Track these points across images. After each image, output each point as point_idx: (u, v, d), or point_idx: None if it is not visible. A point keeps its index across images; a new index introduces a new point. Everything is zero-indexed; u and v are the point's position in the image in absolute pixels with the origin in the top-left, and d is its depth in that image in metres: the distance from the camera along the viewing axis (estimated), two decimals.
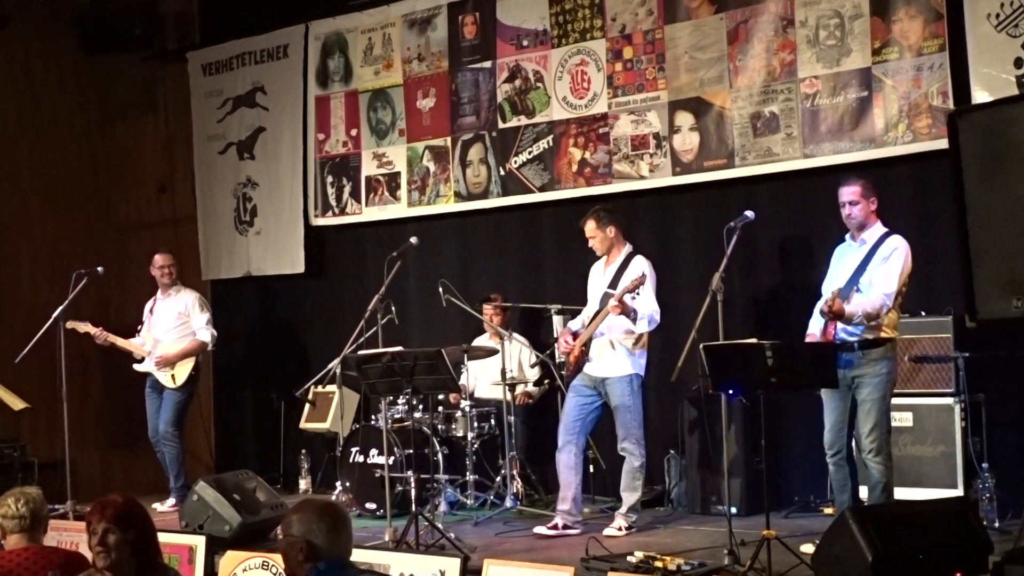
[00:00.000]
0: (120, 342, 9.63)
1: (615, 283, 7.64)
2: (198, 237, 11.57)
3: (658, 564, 6.11)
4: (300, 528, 4.04)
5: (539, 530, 7.65)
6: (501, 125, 9.69)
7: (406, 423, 8.79)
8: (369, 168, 10.50)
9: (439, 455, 8.80)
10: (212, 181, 11.52)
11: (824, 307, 6.59)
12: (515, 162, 9.59)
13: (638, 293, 7.44)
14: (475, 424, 8.82)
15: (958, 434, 7.30)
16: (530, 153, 9.52)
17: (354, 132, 10.59)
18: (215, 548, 7.31)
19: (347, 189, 10.64)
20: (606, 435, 9.01)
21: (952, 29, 7.60)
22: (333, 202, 10.73)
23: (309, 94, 10.85)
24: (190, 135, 11.68)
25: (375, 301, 8.52)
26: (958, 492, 7.17)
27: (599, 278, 7.93)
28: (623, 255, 7.80)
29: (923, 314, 7.54)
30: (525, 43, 9.55)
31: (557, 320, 8.75)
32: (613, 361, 7.70)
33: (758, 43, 8.40)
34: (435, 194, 10.08)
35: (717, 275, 6.86)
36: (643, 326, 7.61)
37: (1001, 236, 4.54)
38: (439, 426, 8.94)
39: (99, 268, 9.61)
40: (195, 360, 9.55)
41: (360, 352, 8.31)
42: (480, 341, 9.29)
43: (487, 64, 9.76)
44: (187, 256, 11.06)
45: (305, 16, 10.82)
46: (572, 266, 8.07)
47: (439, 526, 7.25)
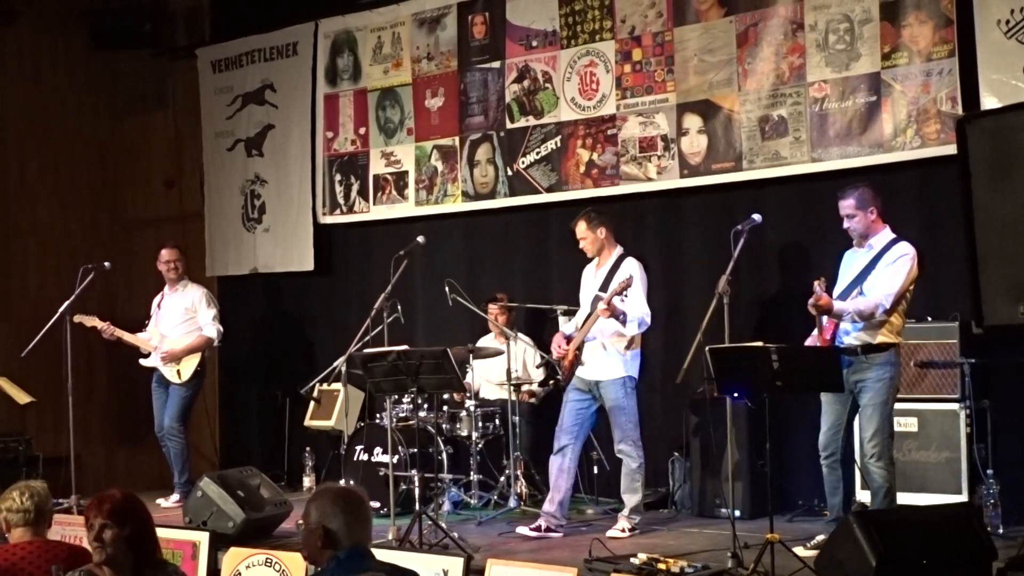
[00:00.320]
0: (127, 336, 9.65)
1: (606, 285, 7.62)
2: (204, 234, 11.58)
3: (661, 566, 6.10)
4: (317, 515, 4.03)
5: (521, 530, 7.65)
6: (509, 125, 9.69)
7: (411, 422, 8.79)
8: (377, 167, 10.50)
9: (443, 454, 8.79)
10: (220, 178, 11.53)
11: (811, 302, 6.59)
12: (523, 162, 9.59)
13: (626, 295, 7.42)
14: (479, 424, 8.82)
15: (963, 440, 7.29)
16: (538, 154, 9.52)
17: (363, 130, 10.59)
18: (219, 544, 7.31)
19: (355, 187, 10.65)
20: (608, 434, 9.02)
21: (962, 35, 7.60)
22: (341, 200, 10.73)
23: (318, 92, 10.85)
24: (198, 131, 11.69)
25: (381, 300, 8.52)
26: (962, 498, 7.15)
27: (591, 280, 7.91)
28: (614, 257, 7.78)
29: (929, 320, 7.54)
30: (534, 43, 9.55)
31: (563, 321, 8.73)
32: (605, 364, 7.68)
33: (767, 46, 8.40)
34: (443, 193, 10.09)
35: (723, 278, 6.86)
36: (633, 328, 7.58)
37: (1008, 242, 4.54)
38: (444, 425, 8.94)
39: (106, 263, 9.64)
40: (201, 356, 9.57)
41: (366, 350, 8.31)
42: (485, 341, 9.29)
43: (496, 64, 9.76)
44: (194, 252, 11.07)
45: (315, 14, 10.83)
46: (578, 267, 8.05)
47: (443, 525, 7.24)
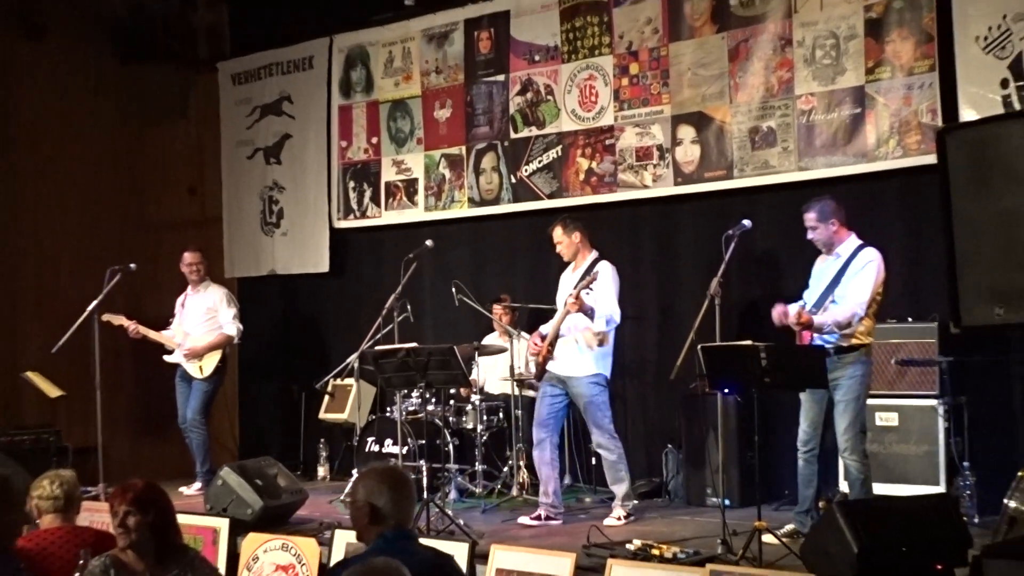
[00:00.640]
0: (152, 334, 9.66)
1: (589, 285, 7.54)
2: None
3: (655, 552, 6.11)
4: (363, 492, 4.07)
5: (523, 520, 7.63)
6: (513, 135, 9.69)
7: (419, 415, 8.81)
8: (388, 174, 10.51)
9: (450, 446, 8.80)
10: (239, 184, 11.55)
11: (793, 319, 6.62)
12: (526, 170, 9.60)
13: (591, 289, 7.39)
14: (484, 417, 8.83)
15: (941, 434, 7.29)
16: (540, 162, 9.52)
17: (375, 140, 10.60)
18: (238, 530, 7.35)
19: (368, 194, 10.65)
20: None
21: (942, 50, 7.59)
22: (354, 206, 10.74)
23: (333, 103, 10.86)
24: (219, 140, 11.71)
25: (392, 300, 8.54)
26: (940, 489, 7.15)
27: (567, 283, 7.87)
28: (588, 260, 7.75)
29: (910, 320, 7.54)
30: (537, 58, 9.55)
31: None
32: (576, 360, 7.67)
33: (757, 61, 8.40)
34: (450, 200, 10.09)
35: (715, 280, 6.87)
36: (600, 324, 7.55)
37: (985, 247, 4.54)
38: (450, 418, 8.95)
39: (132, 265, 9.64)
40: (222, 352, 9.58)
41: (377, 347, 8.32)
42: (490, 339, 9.30)
43: (501, 77, 9.76)
44: (214, 255, 11.07)
45: (330, 30, 10.84)
46: None
47: (449, 513, 7.25)
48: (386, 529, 4.03)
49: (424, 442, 8.49)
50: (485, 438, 8.83)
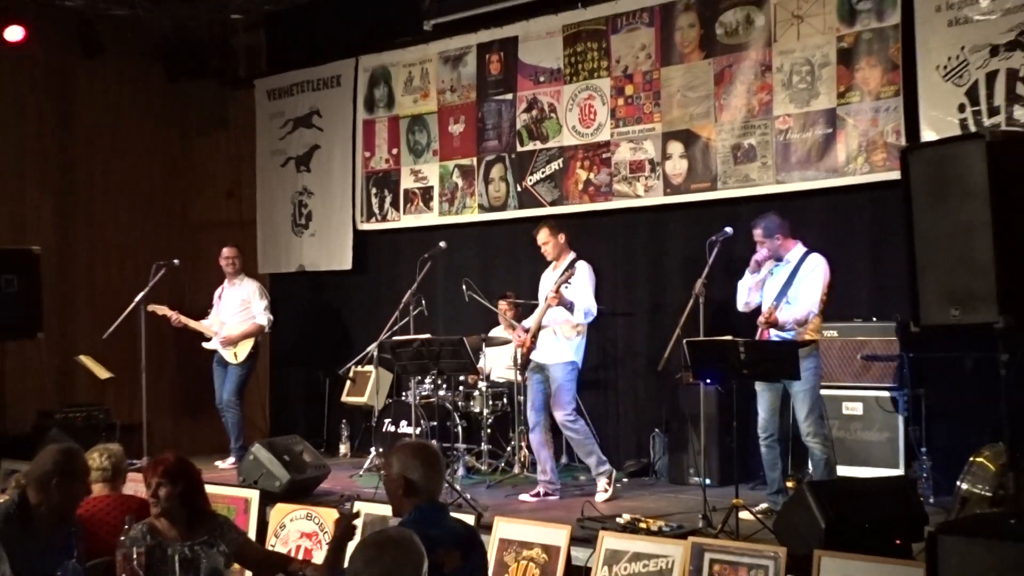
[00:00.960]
0: (192, 323, 9.66)
1: (568, 280, 7.50)
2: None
3: (642, 525, 6.11)
4: (398, 466, 4.00)
5: (523, 497, 7.58)
6: (519, 148, 9.68)
7: (431, 399, 8.82)
8: (407, 182, 10.50)
9: (459, 427, 8.81)
10: (273, 190, 11.54)
11: (762, 318, 6.64)
12: (530, 180, 9.59)
13: (570, 283, 7.37)
14: (490, 402, 8.83)
15: (901, 422, 7.30)
16: (543, 173, 9.52)
17: (395, 151, 10.59)
18: (267, 501, 7.35)
19: (388, 199, 10.65)
20: (600, 411, 9.04)
21: (906, 77, 7.58)
22: (376, 210, 10.74)
23: (358, 118, 10.85)
24: (255, 150, 11.70)
25: (408, 295, 8.55)
26: (900, 472, 7.15)
27: (547, 280, 7.85)
28: (567, 260, 7.68)
29: (874, 319, 7.54)
30: (542, 79, 9.54)
31: None
32: (554, 349, 7.63)
33: (740, 85, 8.39)
34: (462, 206, 10.09)
35: (700, 281, 6.87)
36: (579, 316, 7.52)
37: (942, 255, 4.53)
38: (459, 403, 8.95)
39: (175, 261, 9.70)
40: (255, 340, 9.58)
41: (394, 338, 8.33)
42: (496, 332, 9.30)
43: (509, 96, 9.76)
44: (249, 253, 11.06)
45: (356, 51, 10.83)
46: None
47: (457, 488, 7.25)
48: (420, 501, 3.97)
49: (435, 424, 8.51)
50: (491, 421, 8.83)
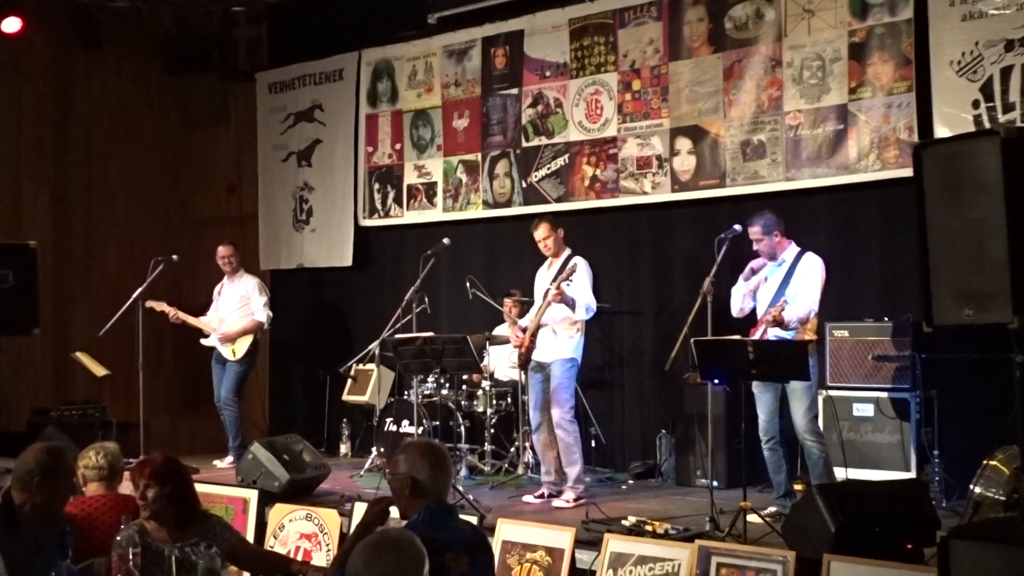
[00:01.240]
0: (190, 320, 9.65)
1: (569, 276, 7.47)
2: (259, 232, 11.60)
3: (648, 528, 6.09)
4: (405, 466, 3.96)
5: (527, 499, 7.55)
6: (524, 144, 9.66)
7: (434, 398, 8.80)
8: (410, 177, 10.49)
9: (461, 427, 8.80)
10: (274, 185, 11.53)
11: (769, 316, 6.62)
12: (535, 176, 9.57)
13: (571, 280, 7.35)
14: (493, 401, 8.81)
15: (913, 425, 7.26)
16: (548, 169, 9.49)
17: (398, 146, 10.58)
18: (266, 501, 7.35)
19: (391, 195, 10.64)
20: (605, 412, 9.02)
21: (919, 73, 7.56)
22: (379, 206, 10.72)
23: (360, 112, 10.84)
24: (256, 144, 11.69)
25: (411, 292, 8.54)
26: (911, 475, 7.12)
27: (543, 277, 7.82)
28: (563, 257, 7.68)
29: (886, 319, 7.51)
30: (548, 74, 9.52)
31: None
32: (554, 346, 7.59)
33: (749, 80, 8.36)
34: (466, 202, 10.07)
35: (708, 279, 6.85)
36: (581, 313, 7.49)
37: (955, 253, 4.51)
38: (462, 402, 8.94)
39: (174, 256, 9.71)
40: (253, 337, 9.56)
41: (396, 336, 8.33)
42: (500, 330, 9.25)
43: (514, 91, 9.73)
44: (250, 249, 11.08)
45: (359, 45, 10.81)
46: None
47: (460, 489, 7.21)
48: (428, 502, 3.92)
49: (438, 423, 8.49)
50: (494, 420, 8.82)
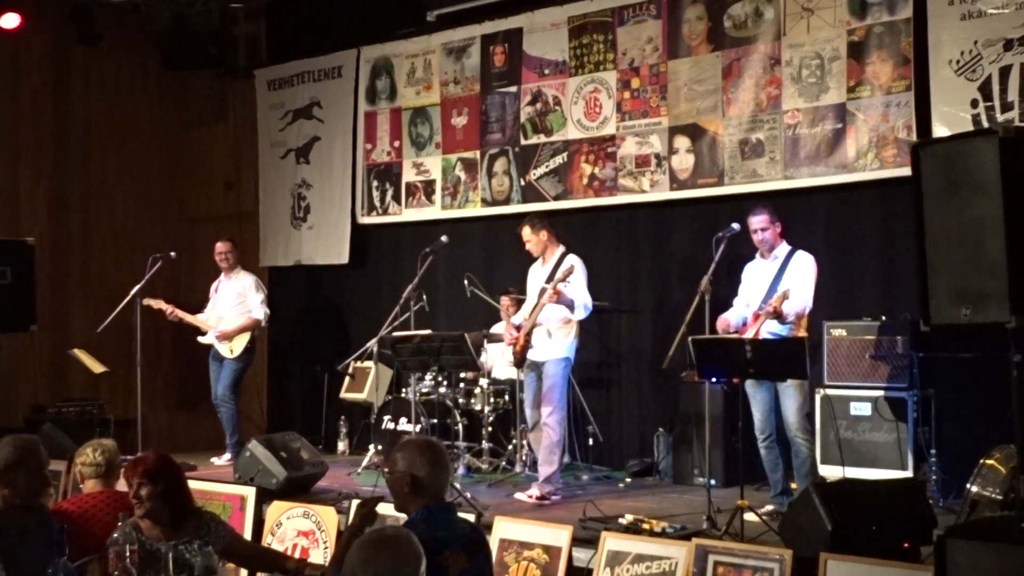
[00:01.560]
0: (188, 318, 9.65)
1: (551, 279, 7.48)
2: (258, 229, 11.59)
3: (645, 526, 6.10)
4: (404, 463, 3.94)
5: (519, 496, 7.49)
6: (523, 142, 9.67)
7: (432, 396, 8.81)
8: (409, 175, 10.49)
9: (459, 425, 8.80)
10: (272, 182, 11.53)
11: (769, 307, 6.60)
12: (534, 174, 9.57)
13: (569, 281, 7.34)
14: (491, 399, 8.81)
15: (910, 423, 7.26)
16: (547, 167, 9.50)
17: (397, 144, 10.58)
18: (263, 498, 7.35)
19: (389, 193, 10.64)
20: (603, 410, 9.03)
21: (918, 72, 7.56)
22: (377, 203, 10.72)
23: (359, 109, 10.84)
24: (255, 141, 11.69)
25: (409, 290, 8.54)
26: (908, 474, 7.13)
27: (536, 276, 7.83)
28: (557, 254, 7.67)
29: (883, 318, 7.51)
30: (547, 72, 9.52)
31: None
32: (549, 346, 7.59)
33: (748, 78, 8.37)
34: (464, 199, 10.07)
35: (705, 278, 6.85)
36: (580, 313, 7.51)
37: (953, 253, 4.51)
38: (460, 400, 8.94)
39: (172, 253, 9.71)
40: (251, 335, 9.56)
41: (394, 333, 8.33)
42: (498, 328, 9.27)
43: (513, 89, 9.74)
44: (248, 246, 11.08)
45: (358, 42, 10.81)
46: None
47: (457, 486, 7.21)
48: (427, 500, 3.91)
49: (436, 421, 8.52)
50: (492, 419, 8.82)
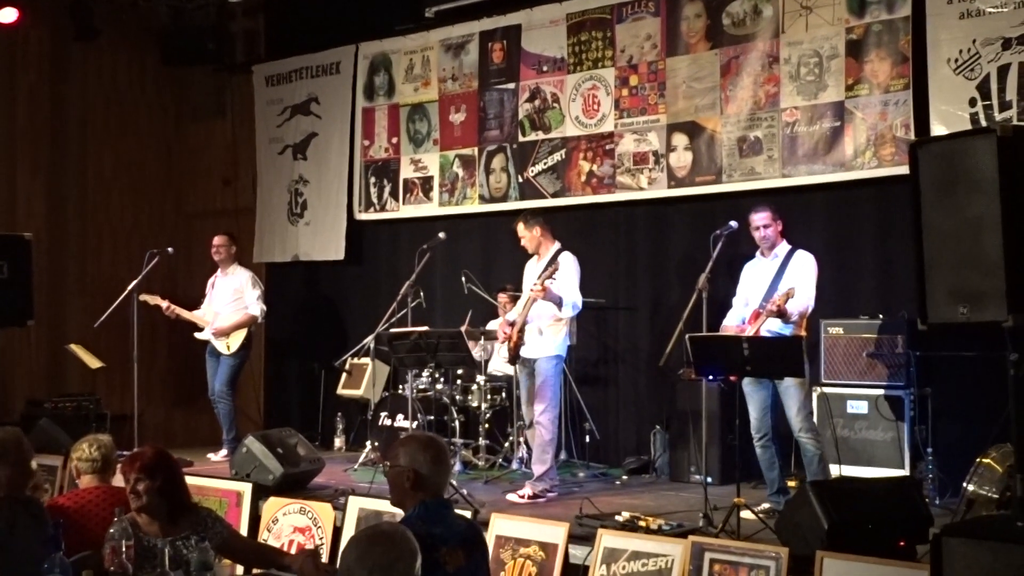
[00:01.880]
0: (184, 314, 9.65)
1: (553, 275, 7.42)
2: (255, 225, 11.59)
3: (642, 523, 6.11)
4: (406, 459, 3.93)
5: (511, 497, 7.40)
6: (521, 139, 9.66)
7: (429, 393, 8.81)
8: (407, 172, 10.49)
9: (456, 422, 8.79)
10: (270, 178, 11.52)
11: (772, 305, 6.60)
12: (532, 171, 9.57)
13: (555, 278, 7.31)
14: (488, 396, 8.81)
15: (907, 422, 7.27)
16: (545, 164, 9.50)
17: (395, 140, 10.58)
18: (260, 494, 7.35)
19: (387, 189, 10.64)
20: (599, 407, 9.04)
21: (916, 70, 7.57)
22: (375, 200, 10.72)
23: (357, 105, 10.84)
24: (252, 137, 11.69)
25: (406, 286, 8.53)
26: (905, 472, 7.14)
27: (531, 272, 7.82)
28: (551, 251, 7.64)
29: (881, 317, 7.52)
30: (545, 68, 9.52)
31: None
32: (541, 343, 7.57)
33: (747, 76, 8.37)
34: (462, 196, 10.07)
35: (703, 276, 6.84)
36: (568, 311, 7.49)
37: (951, 251, 4.52)
38: (457, 396, 8.94)
39: (169, 249, 9.72)
40: (247, 331, 9.55)
41: (391, 330, 8.33)
42: (495, 325, 9.27)
43: (511, 85, 9.74)
44: (245, 242, 11.07)
45: (356, 38, 10.81)
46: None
47: (453, 483, 7.19)
48: (425, 496, 3.90)
49: (432, 418, 8.51)
50: (488, 415, 8.82)
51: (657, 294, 8.98)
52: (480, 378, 8.81)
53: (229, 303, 9.59)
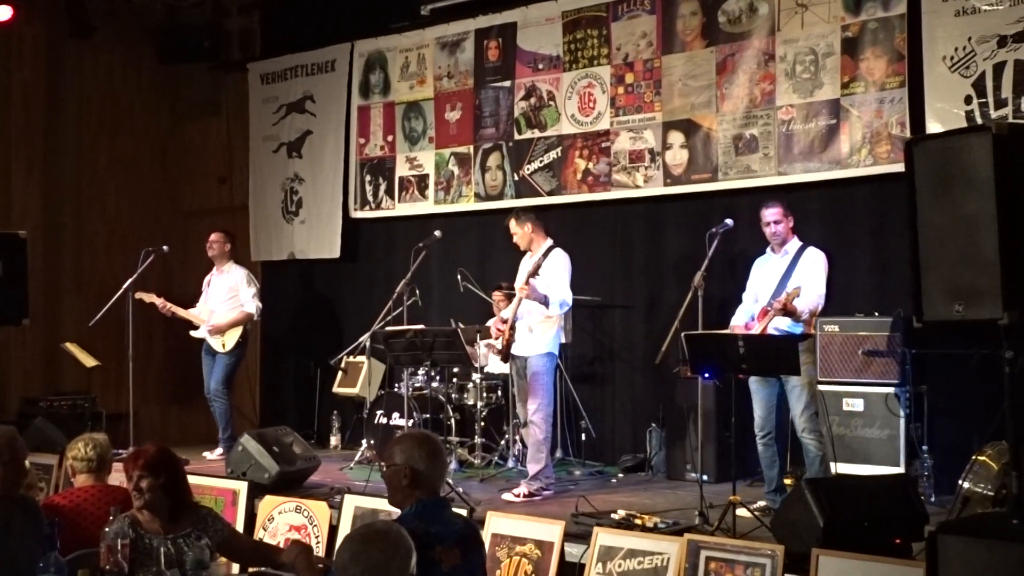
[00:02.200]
0: (180, 312, 9.64)
1: (535, 273, 7.43)
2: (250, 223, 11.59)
3: (638, 521, 6.11)
4: (403, 456, 3.92)
5: (507, 497, 7.39)
6: (517, 137, 9.66)
7: (424, 391, 8.81)
8: (402, 170, 10.48)
9: (452, 420, 8.80)
10: (265, 176, 11.51)
11: (779, 304, 6.59)
12: (527, 169, 9.57)
13: (539, 274, 7.29)
14: (484, 394, 8.81)
15: (902, 420, 7.28)
16: (541, 162, 9.50)
17: (390, 138, 10.57)
18: (256, 493, 7.34)
19: (383, 187, 10.63)
20: (595, 405, 9.04)
21: (912, 68, 7.57)
22: (370, 198, 10.72)
23: (352, 103, 10.83)
24: (247, 135, 11.67)
25: (402, 285, 8.53)
26: (900, 470, 7.15)
27: (524, 268, 7.78)
28: (543, 248, 7.57)
29: (876, 314, 7.52)
30: (541, 66, 9.52)
31: None
32: (531, 341, 7.55)
33: (742, 74, 8.37)
34: (458, 194, 10.07)
35: (699, 273, 6.86)
36: (555, 309, 7.45)
37: (946, 249, 4.52)
38: (453, 395, 8.94)
39: (165, 247, 9.71)
40: (243, 328, 9.54)
41: (387, 328, 8.33)
42: (491, 323, 9.28)
43: (507, 83, 9.73)
44: (241, 240, 11.04)
45: (351, 36, 10.80)
46: (573, 262, 8.01)
47: (449, 482, 7.18)
48: (422, 494, 3.89)
49: (428, 416, 8.50)
50: (484, 414, 8.82)
51: (653, 292, 8.98)
52: (476, 376, 8.81)
53: (225, 301, 9.58)
